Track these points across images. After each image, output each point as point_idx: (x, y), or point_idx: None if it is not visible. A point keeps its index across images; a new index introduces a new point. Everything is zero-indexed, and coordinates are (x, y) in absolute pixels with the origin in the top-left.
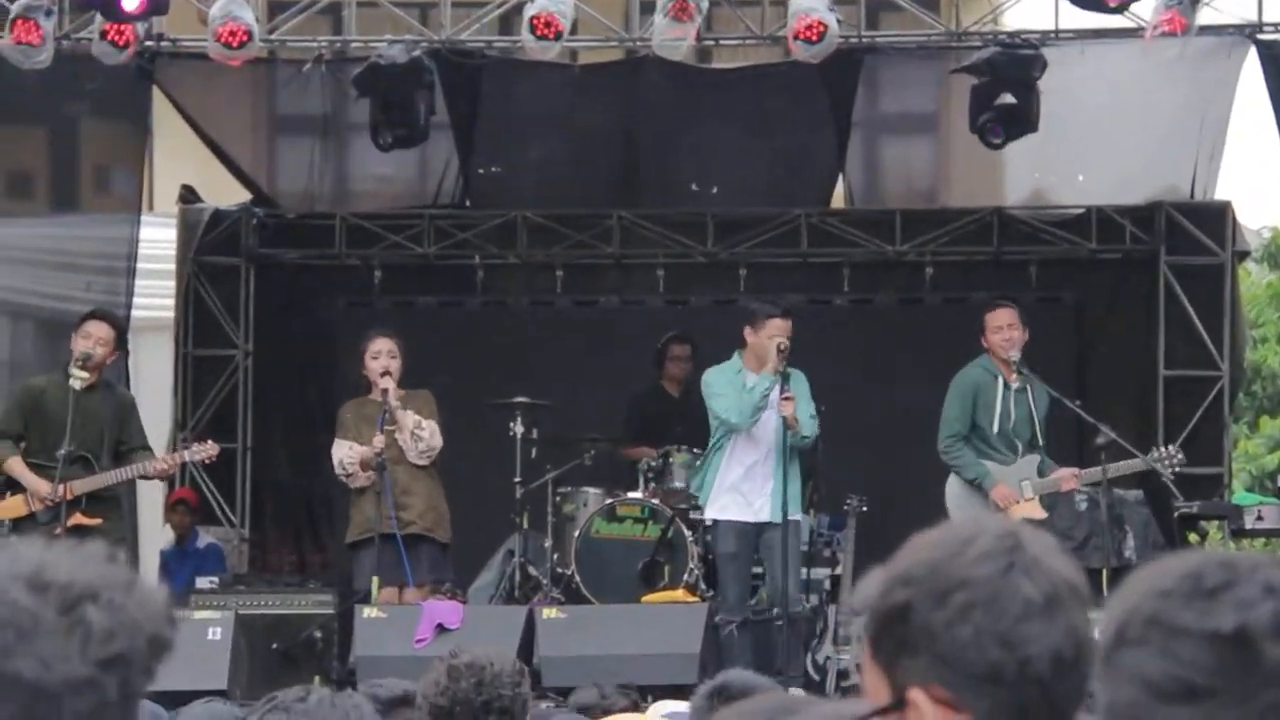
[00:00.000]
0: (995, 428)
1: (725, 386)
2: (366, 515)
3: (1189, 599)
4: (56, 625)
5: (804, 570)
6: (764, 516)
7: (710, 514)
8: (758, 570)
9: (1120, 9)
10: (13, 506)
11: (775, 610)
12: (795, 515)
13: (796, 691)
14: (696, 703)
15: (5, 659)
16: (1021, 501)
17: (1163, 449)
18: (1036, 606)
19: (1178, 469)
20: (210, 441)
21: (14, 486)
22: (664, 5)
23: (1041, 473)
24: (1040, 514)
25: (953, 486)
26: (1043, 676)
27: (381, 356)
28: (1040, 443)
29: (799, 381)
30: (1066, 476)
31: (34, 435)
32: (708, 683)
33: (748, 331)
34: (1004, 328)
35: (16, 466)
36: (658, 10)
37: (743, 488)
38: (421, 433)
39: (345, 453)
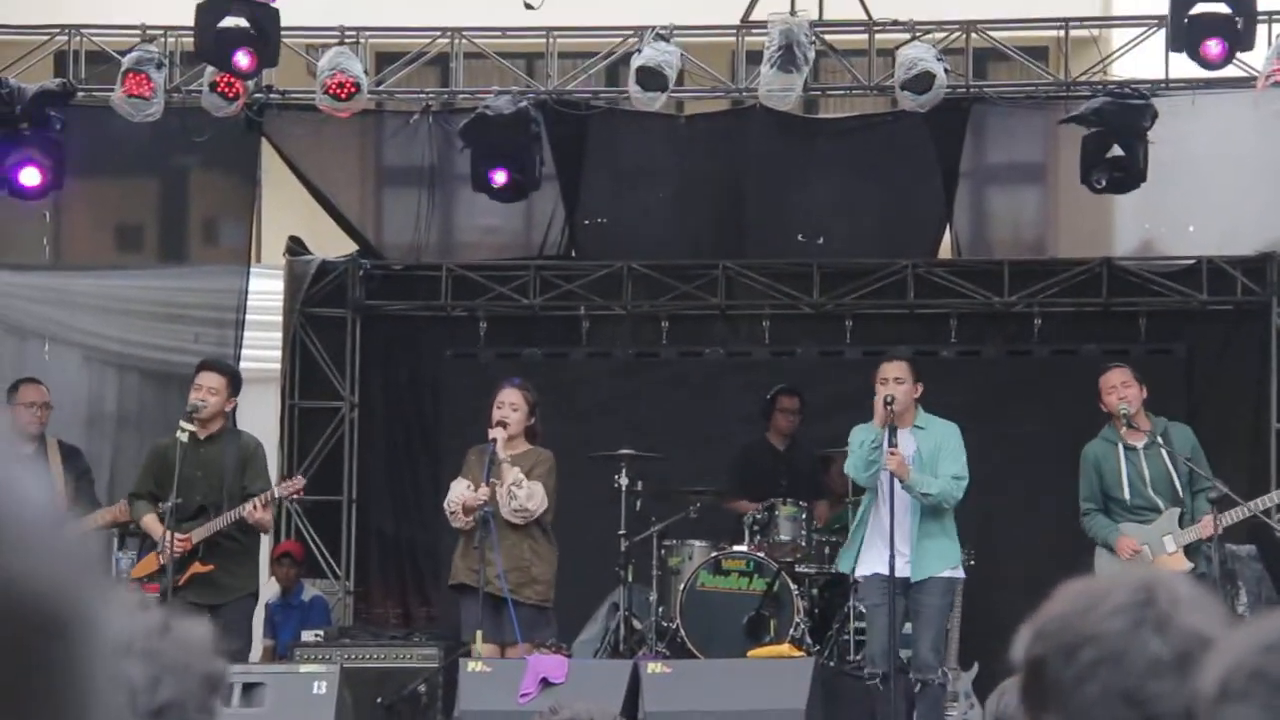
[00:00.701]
0: (1125, 494)
1: (856, 444)
2: (456, 563)
3: None
4: None
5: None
6: (906, 573)
7: (859, 571)
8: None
9: (1214, 67)
10: (147, 563)
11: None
12: (941, 572)
13: None
14: None
15: None
16: (1164, 556)
17: None
18: (1166, 664)
19: None
20: (299, 476)
21: (154, 545)
22: (770, 55)
23: (1185, 524)
24: (1185, 566)
25: (1100, 556)
26: None
27: (504, 407)
28: (1196, 489)
29: (946, 436)
30: (1206, 523)
31: (164, 493)
32: None
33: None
34: (1118, 386)
35: (148, 522)
36: (764, 60)
37: (884, 543)
38: (518, 490)
39: (458, 492)
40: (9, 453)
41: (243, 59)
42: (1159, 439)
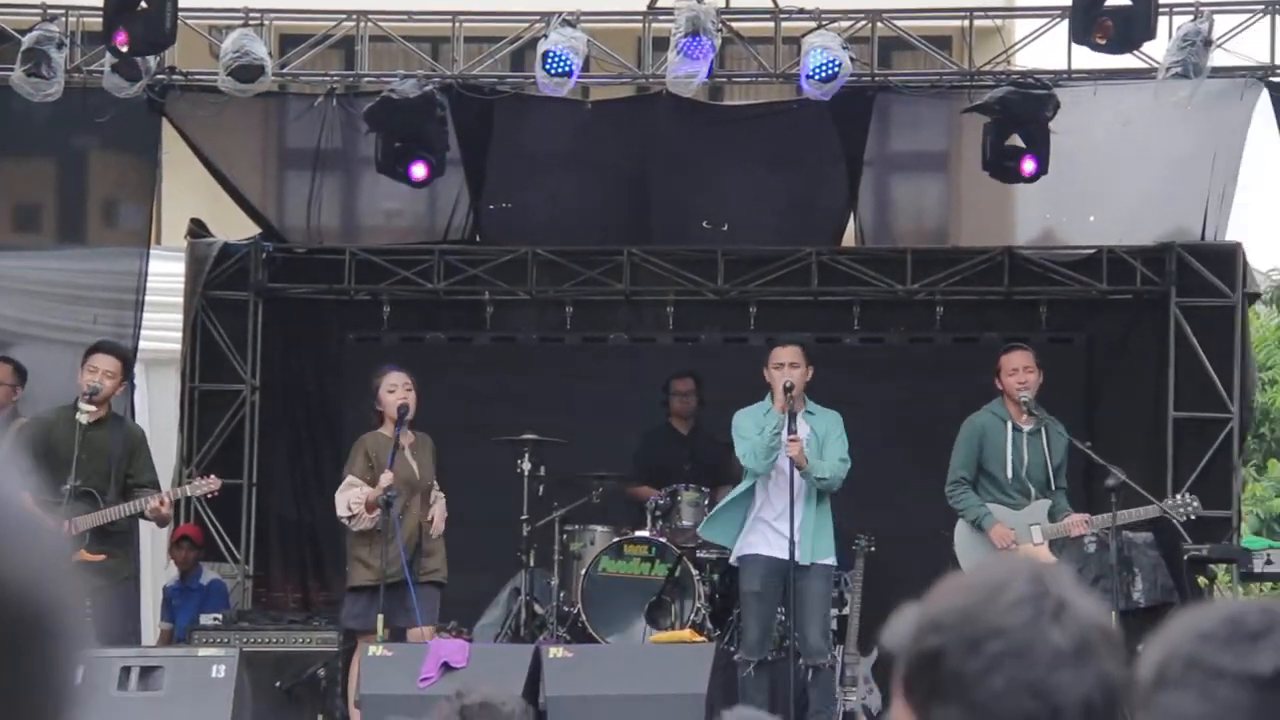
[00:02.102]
0: (1008, 473)
1: (750, 429)
2: (381, 560)
3: (1229, 642)
4: None
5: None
6: (787, 557)
7: (738, 551)
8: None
9: (1102, 47)
10: None
11: (800, 658)
12: (824, 559)
13: None
14: None
15: None
16: (1030, 545)
17: (1179, 496)
18: (1067, 655)
19: (1193, 516)
20: (213, 476)
21: None
22: (677, 41)
23: (1053, 517)
24: (1049, 559)
25: (960, 530)
26: None
27: (398, 390)
28: (1057, 485)
29: (832, 423)
30: (1077, 521)
31: (42, 470)
32: None
33: (765, 371)
34: (1019, 370)
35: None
36: (671, 47)
37: (771, 526)
38: (436, 513)
39: (353, 495)
40: None
41: (120, 36)
42: (1042, 429)
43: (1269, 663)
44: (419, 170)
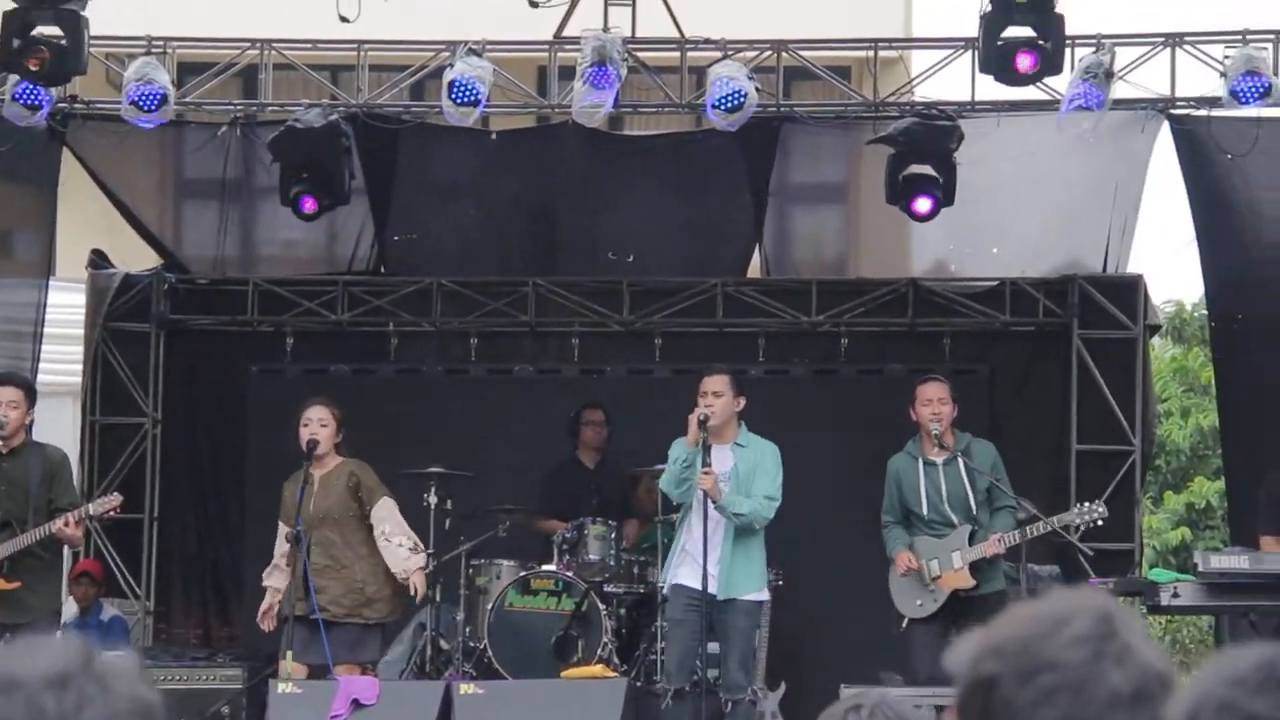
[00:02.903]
0: (924, 508)
1: (671, 459)
2: (289, 595)
3: (1261, 687)
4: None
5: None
6: (712, 589)
7: (668, 581)
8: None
9: (1025, 80)
10: None
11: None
12: (748, 594)
13: None
14: None
15: None
16: (951, 571)
17: (1082, 505)
18: (1123, 698)
19: (1099, 521)
20: (115, 494)
21: None
22: (583, 71)
23: (973, 541)
24: (969, 582)
25: (892, 567)
26: None
27: (311, 424)
28: (995, 507)
29: (763, 455)
30: (992, 542)
31: None
32: None
33: None
34: (933, 401)
35: None
36: (577, 76)
37: (694, 558)
38: (403, 554)
39: (277, 553)
40: None
41: (33, 60)
42: (959, 455)
43: None
44: (308, 203)
